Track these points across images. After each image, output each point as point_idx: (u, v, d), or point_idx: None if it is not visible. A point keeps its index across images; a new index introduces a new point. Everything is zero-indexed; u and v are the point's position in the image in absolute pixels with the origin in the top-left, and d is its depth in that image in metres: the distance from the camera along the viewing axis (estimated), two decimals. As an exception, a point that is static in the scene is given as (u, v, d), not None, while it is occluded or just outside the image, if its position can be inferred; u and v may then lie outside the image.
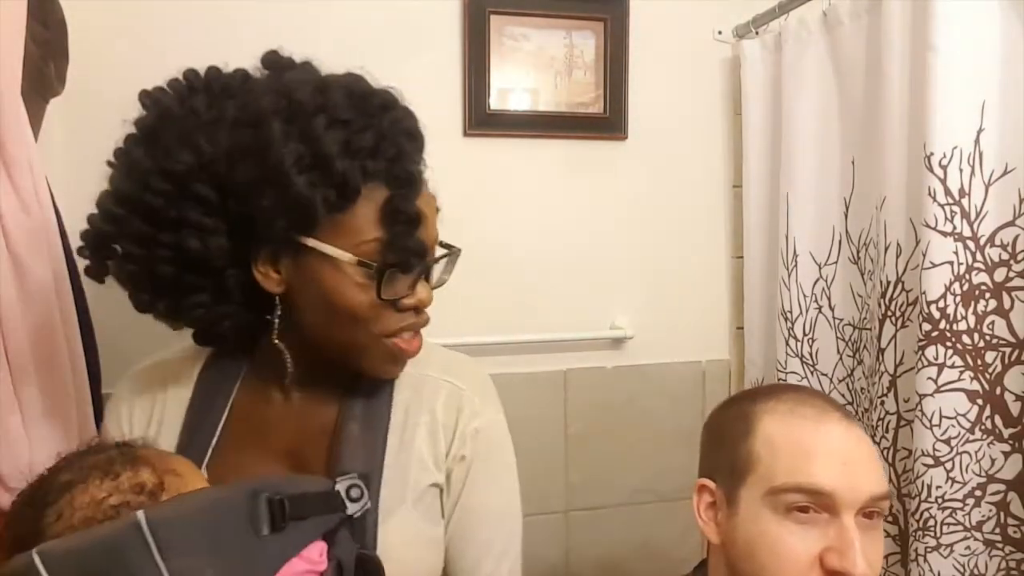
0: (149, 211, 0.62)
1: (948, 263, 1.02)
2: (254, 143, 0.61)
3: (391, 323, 0.67)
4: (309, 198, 0.60)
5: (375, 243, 0.63)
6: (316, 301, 0.65)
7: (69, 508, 0.56)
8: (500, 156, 1.44)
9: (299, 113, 0.61)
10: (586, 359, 1.50)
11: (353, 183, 0.61)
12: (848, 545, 0.64)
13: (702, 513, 0.74)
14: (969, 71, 1.00)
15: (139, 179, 0.63)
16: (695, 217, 1.55)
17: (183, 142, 0.62)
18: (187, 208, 0.62)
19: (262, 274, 0.65)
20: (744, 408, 0.76)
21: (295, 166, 0.60)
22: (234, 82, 0.67)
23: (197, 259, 0.63)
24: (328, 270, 0.64)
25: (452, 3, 1.39)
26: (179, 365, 0.77)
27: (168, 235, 0.62)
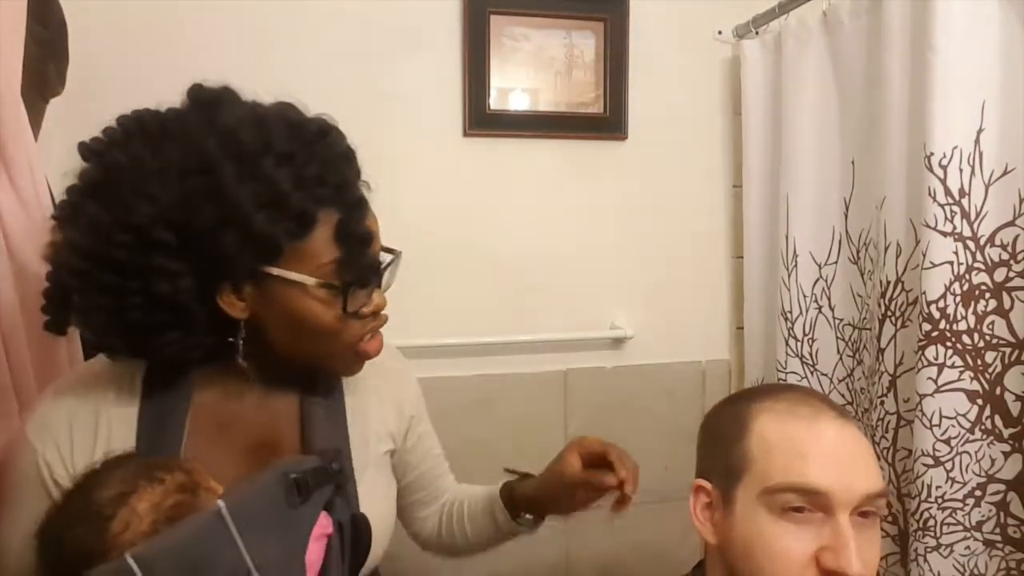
0: (114, 263, 0.64)
1: (948, 263, 1.02)
2: (209, 188, 0.63)
3: (355, 331, 0.73)
4: (271, 233, 0.64)
5: (332, 264, 0.68)
6: (282, 322, 0.70)
7: (135, 517, 0.60)
8: (500, 156, 1.44)
9: (246, 154, 0.64)
10: (586, 359, 1.51)
11: (309, 213, 0.66)
12: (843, 545, 0.64)
13: (699, 514, 0.74)
14: (969, 71, 1.00)
15: (100, 233, 0.64)
16: (695, 217, 1.55)
17: (137, 193, 0.64)
18: (151, 255, 0.64)
19: (227, 304, 0.68)
20: (739, 408, 0.76)
21: (253, 205, 0.63)
22: (169, 123, 0.68)
23: (166, 301, 0.65)
24: (293, 294, 0.68)
25: (452, 3, 1.39)
26: (113, 376, 0.74)
27: (135, 282, 0.64)
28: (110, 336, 0.68)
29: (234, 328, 0.70)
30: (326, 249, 0.68)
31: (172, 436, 0.71)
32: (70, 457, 0.70)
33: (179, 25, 1.26)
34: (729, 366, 1.60)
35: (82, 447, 0.71)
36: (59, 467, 0.70)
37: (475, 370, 1.43)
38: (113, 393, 0.73)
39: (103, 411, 0.72)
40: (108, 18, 1.22)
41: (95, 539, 0.59)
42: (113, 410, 0.72)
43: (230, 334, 0.70)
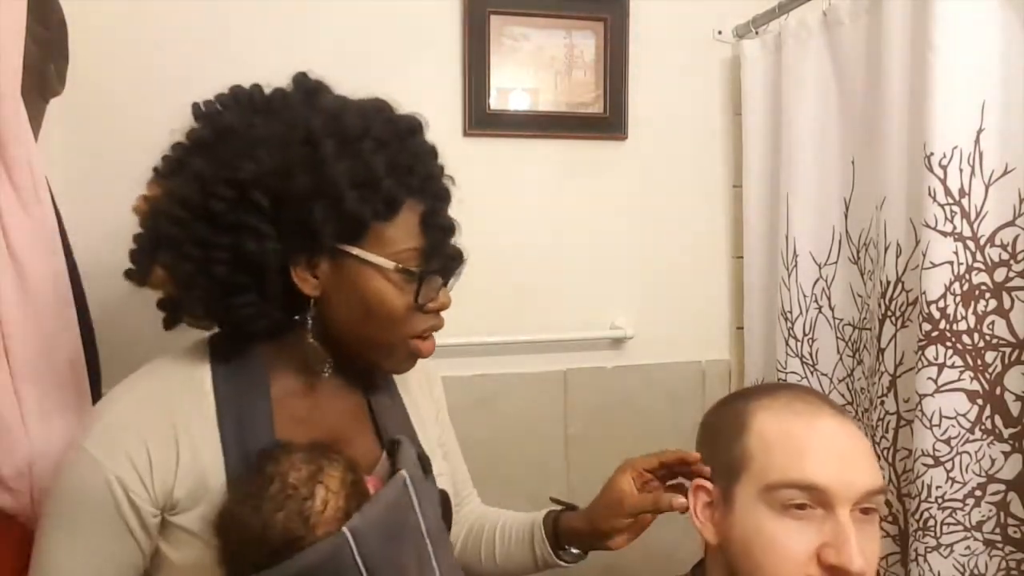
0: (211, 215, 0.67)
1: (948, 263, 1.02)
2: (309, 160, 0.67)
3: (418, 325, 0.75)
4: (359, 211, 0.68)
5: (413, 252, 0.71)
6: (352, 304, 0.72)
7: (330, 495, 0.64)
8: (500, 156, 1.44)
9: (348, 135, 0.69)
10: (586, 359, 1.50)
11: (398, 198, 0.70)
12: (844, 540, 0.64)
13: (699, 513, 0.74)
14: (969, 71, 1.00)
15: (203, 186, 0.68)
16: (695, 217, 1.55)
17: (244, 154, 0.68)
18: (246, 214, 0.67)
19: (301, 278, 0.70)
20: (737, 407, 0.76)
21: (347, 182, 0.67)
22: (275, 100, 0.74)
23: (251, 261, 0.68)
24: (369, 275, 0.71)
25: (452, 3, 1.39)
26: (178, 383, 0.73)
27: (226, 238, 0.67)
28: (195, 288, 0.69)
29: (301, 306, 0.73)
30: (407, 236, 0.71)
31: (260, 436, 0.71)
32: (149, 476, 0.67)
33: (179, 25, 1.26)
34: (729, 366, 1.60)
35: (163, 465, 0.68)
36: (138, 488, 0.67)
37: (475, 370, 1.43)
38: (186, 401, 0.71)
39: (180, 423, 0.69)
40: (108, 18, 1.22)
41: (299, 520, 0.62)
42: (192, 421, 0.70)
43: (296, 311, 0.73)
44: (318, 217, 0.67)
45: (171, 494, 0.68)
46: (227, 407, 0.71)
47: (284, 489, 0.63)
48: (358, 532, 0.62)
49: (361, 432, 0.80)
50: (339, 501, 0.64)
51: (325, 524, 0.63)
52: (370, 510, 0.65)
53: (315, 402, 0.77)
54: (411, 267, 0.71)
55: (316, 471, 0.65)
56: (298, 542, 0.62)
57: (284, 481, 0.64)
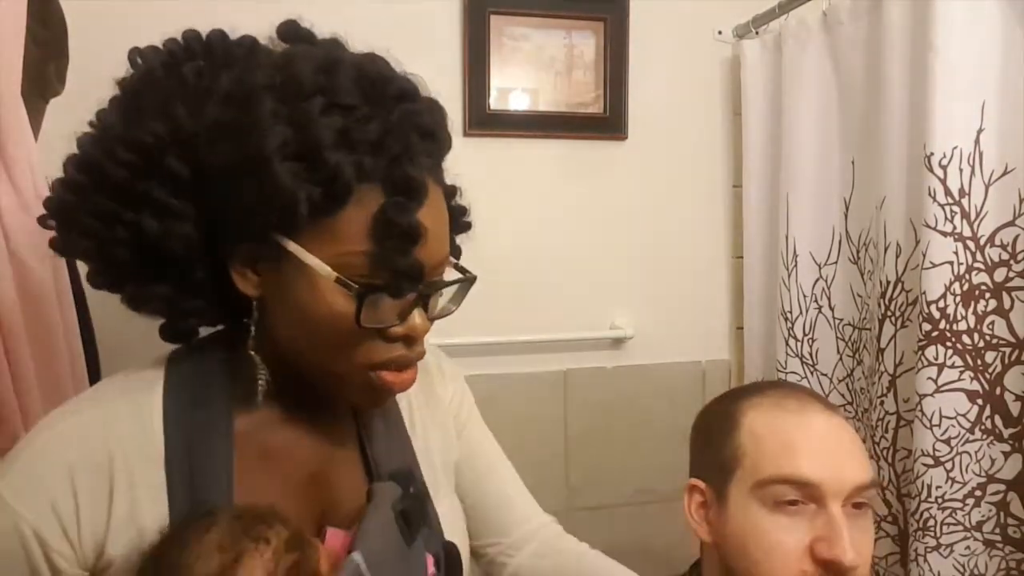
0: (111, 184, 0.55)
1: (948, 263, 1.02)
2: (238, 121, 0.52)
3: (375, 354, 0.57)
4: (291, 192, 0.50)
5: (361, 256, 0.52)
6: (291, 314, 0.56)
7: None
8: (500, 156, 1.44)
9: (293, 91, 0.52)
10: (586, 359, 1.51)
11: (344, 181, 0.51)
12: (837, 535, 0.65)
13: (693, 513, 0.75)
14: (969, 71, 1.00)
15: (106, 146, 0.56)
16: (695, 217, 1.55)
17: (159, 111, 0.55)
18: (153, 186, 0.54)
19: (239, 274, 0.56)
20: (728, 406, 0.76)
21: (278, 152, 0.50)
22: (238, 51, 0.61)
23: (156, 245, 0.55)
24: (303, 281, 0.54)
25: (452, 3, 1.39)
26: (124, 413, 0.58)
27: (128, 213, 0.55)
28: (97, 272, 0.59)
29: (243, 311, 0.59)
30: (357, 237, 0.52)
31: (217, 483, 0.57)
32: (75, 528, 0.54)
33: (179, 25, 1.25)
34: (729, 366, 1.60)
35: (94, 515, 0.54)
36: (59, 543, 0.53)
37: (475, 370, 1.43)
38: (129, 437, 0.57)
39: (119, 463, 0.56)
40: (108, 18, 1.22)
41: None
42: (134, 462, 0.56)
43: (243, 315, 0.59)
44: (243, 196, 0.52)
45: (102, 552, 0.54)
46: (178, 446, 0.57)
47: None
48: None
49: (347, 466, 0.64)
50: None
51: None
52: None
53: (291, 432, 0.62)
54: (353, 277, 0.53)
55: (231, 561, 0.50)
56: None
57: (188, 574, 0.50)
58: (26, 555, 0.53)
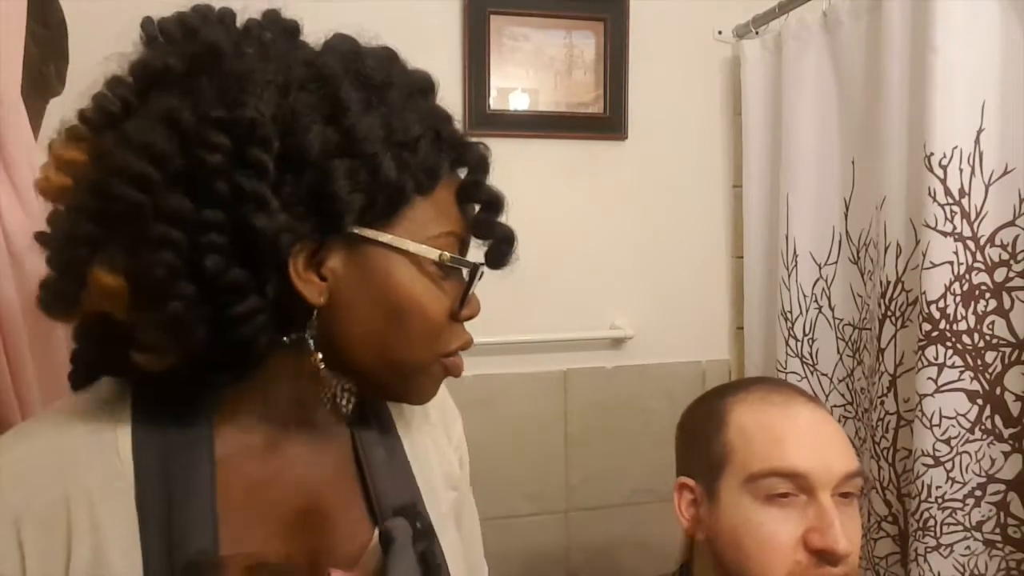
0: (196, 177, 0.45)
1: (948, 263, 1.02)
2: (327, 105, 0.48)
3: (455, 338, 0.56)
4: (399, 181, 0.49)
5: (451, 237, 0.53)
6: (373, 312, 0.51)
7: None
8: (500, 156, 1.42)
9: (372, 80, 0.50)
10: (586, 359, 1.51)
11: (439, 165, 0.52)
12: (828, 524, 0.66)
13: (684, 511, 0.76)
14: (969, 71, 1.00)
15: (182, 131, 0.45)
16: (695, 217, 1.55)
17: (242, 88, 0.46)
18: (244, 176, 0.45)
19: (304, 280, 0.49)
20: (713, 404, 0.78)
21: (385, 140, 0.49)
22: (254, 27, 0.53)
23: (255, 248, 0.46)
24: (403, 270, 0.51)
25: (452, 3, 1.39)
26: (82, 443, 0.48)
27: (215, 213, 0.45)
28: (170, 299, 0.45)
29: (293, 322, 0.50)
30: (445, 216, 0.53)
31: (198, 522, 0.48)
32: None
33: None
34: (729, 366, 1.60)
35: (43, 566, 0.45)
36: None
37: (475, 370, 1.43)
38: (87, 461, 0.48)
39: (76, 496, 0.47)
40: (108, 18, 1.22)
41: None
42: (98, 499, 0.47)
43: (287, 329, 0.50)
44: (342, 187, 0.47)
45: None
46: (153, 476, 0.48)
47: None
48: None
49: (346, 501, 0.57)
50: None
51: None
52: None
53: (280, 461, 0.54)
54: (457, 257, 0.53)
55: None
56: None
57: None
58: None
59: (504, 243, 0.58)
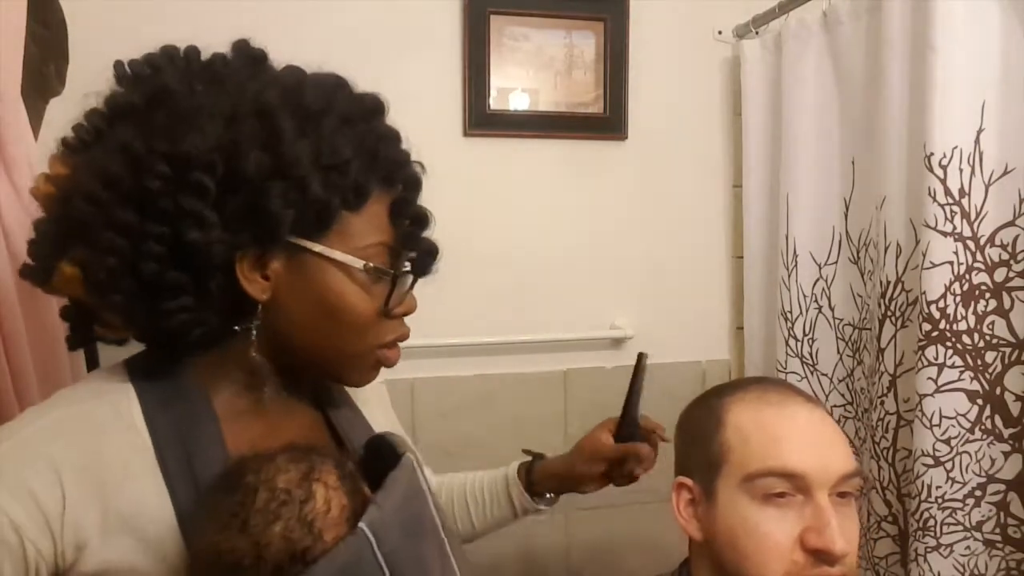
0: (143, 197, 0.55)
1: (948, 263, 1.02)
2: (264, 135, 0.57)
3: (386, 333, 0.65)
4: (326, 199, 0.58)
5: (380, 247, 0.63)
6: (310, 310, 0.61)
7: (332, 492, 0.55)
8: (500, 156, 1.44)
9: (308, 110, 0.59)
10: (586, 359, 1.50)
11: (368, 185, 0.61)
12: (826, 524, 0.66)
13: (682, 511, 0.76)
14: (969, 71, 1.00)
15: (132, 159, 0.56)
16: (695, 217, 1.55)
17: (187, 122, 0.56)
18: (186, 197, 0.55)
19: (248, 280, 0.59)
20: (711, 404, 0.78)
21: (311, 164, 0.57)
22: (216, 65, 0.63)
23: (190, 255, 0.56)
24: (334, 276, 0.61)
25: (452, 3, 1.39)
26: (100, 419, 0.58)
27: (159, 226, 0.56)
28: (112, 291, 0.57)
29: (243, 313, 0.60)
30: (375, 230, 0.62)
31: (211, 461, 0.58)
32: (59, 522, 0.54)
33: (178, 25, 1.25)
34: (729, 366, 1.60)
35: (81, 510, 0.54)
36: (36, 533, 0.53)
37: (475, 370, 1.43)
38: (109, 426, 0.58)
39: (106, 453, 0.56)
40: (108, 18, 1.22)
41: (301, 527, 0.52)
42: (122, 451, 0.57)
43: (237, 320, 0.61)
44: (276, 204, 0.56)
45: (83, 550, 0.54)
46: (167, 439, 0.58)
47: (275, 496, 0.53)
48: (378, 527, 0.53)
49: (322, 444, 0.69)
50: (342, 498, 0.55)
51: (333, 526, 0.53)
52: (387, 500, 0.56)
53: (267, 422, 0.65)
54: (382, 265, 0.62)
55: (308, 470, 0.55)
56: (306, 553, 0.52)
57: (272, 488, 0.53)
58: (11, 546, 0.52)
59: (428, 255, 0.67)
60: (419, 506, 0.61)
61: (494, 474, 0.97)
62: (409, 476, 0.61)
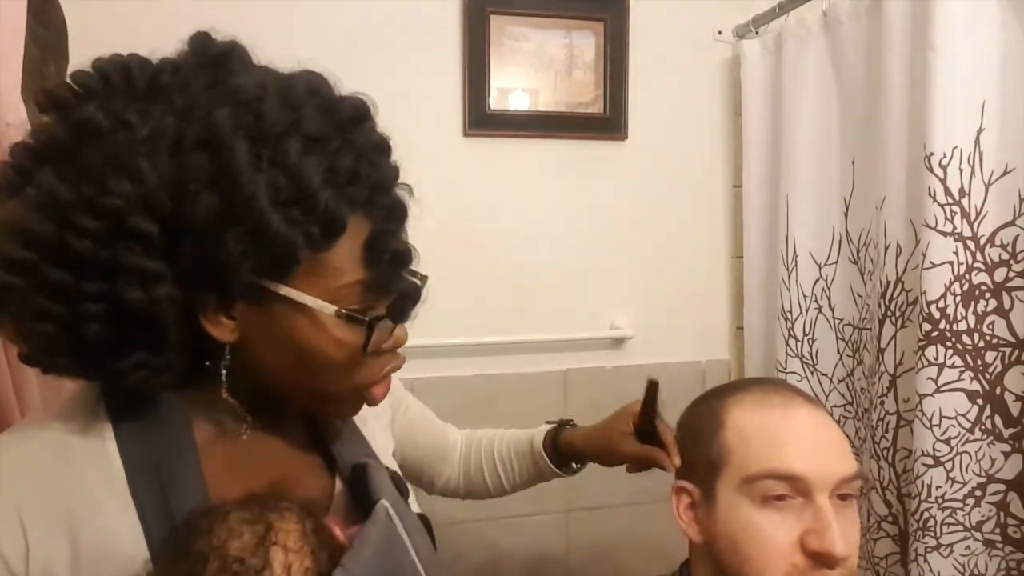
0: (71, 256, 0.48)
1: (948, 263, 1.02)
2: (214, 169, 0.48)
3: (371, 372, 0.58)
4: (289, 239, 0.49)
5: (356, 286, 0.54)
6: (280, 351, 0.55)
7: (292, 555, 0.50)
8: (500, 156, 1.44)
9: (267, 132, 0.49)
10: (586, 359, 1.51)
11: (340, 217, 0.51)
12: (825, 526, 0.65)
13: (682, 514, 0.75)
14: (969, 71, 1.00)
15: (55, 213, 0.47)
16: (695, 217, 1.55)
17: (117, 166, 0.48)
18: (123, 251, 0.48)
19: (212, 323, 0.52)
20: (711, 405, 0.77)
21: (270, 200, 0.48)
22: (163, 78, 0.52)
23: (135, 312, 0.49)
24: (301, 322, 0.53)
25: (452, 3, 1.39)
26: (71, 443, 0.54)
27: (95, 284, 0.48)
28: (57, 355, 0.51)
29: (212, 351, 0.55)
30: (349, 267, 0.53)
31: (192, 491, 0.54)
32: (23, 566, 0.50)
33: (178, 25, 1.25)
34: (729, 366, 1.60)
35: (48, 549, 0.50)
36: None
37: (475, 370, 1.43)
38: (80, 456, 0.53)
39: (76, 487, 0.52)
40: (108, 18, 1.22)
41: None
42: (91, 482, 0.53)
43: (207, 357, 0.55)
44: (230, 248, 0.48)
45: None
46: (141, 470, 0.54)
47: (226, 567, 0.48)
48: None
49: (309, 465, 0.65)
50: (304, 560, 0.50)
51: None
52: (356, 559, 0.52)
53: (250, 448, 0.61)
54: (356, 309, 0.53)
55: (265, 532, 0.50)
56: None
57: (223, 556, 0.48)
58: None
59: (406, 299, 0.58)
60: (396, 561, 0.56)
61: (520, 438, 0.96)
62: (384, 527, 0.56)
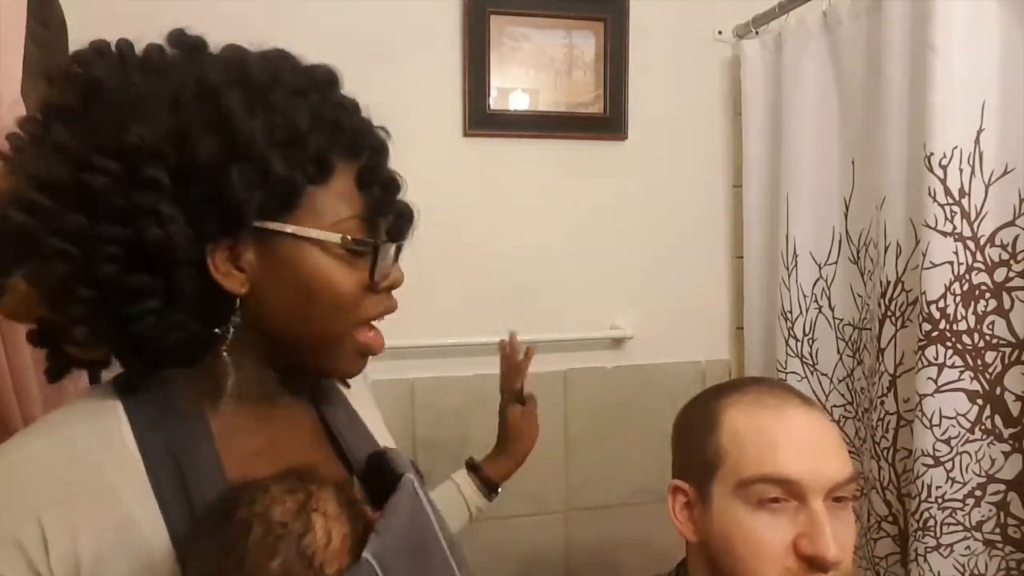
0: (89, 197, 0.51)
1: (948, 263, 1.02)
2: (213, 117, 0.53)
3: (371, 308, 0.62)
4: (288, 176, 0.54)
5: (354, 220, 0.59)
6: (291, 295, 0.58)
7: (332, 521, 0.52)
8: (500, 156, 1.44)
9: (255, 84, 0.55)
10: (586, 359, 1.51)
11: (330, 156, 0.57)
12: (819, 531, 0.66)
13: (678, 514, 0.76)
14: (969, 71, 1.00)
15: (72, 159, 0.51)
16: (695, 217, 1.55)
17: (130, 114, 0.52)
18: (138, 193, 0.51)
19: (223, 274, 0.55)
20: (708, 405, 0.77)
21: (267, 141, 0.53)
22: (152, 54, 0.59)
23: (153, 254, 0.52)
24: (311, 255, 0.57)
25: (452, 3, 1.39)
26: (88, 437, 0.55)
27: (110, 227, 0.51)
28: (68, 302, 0.53)
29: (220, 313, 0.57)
30: (345, 203, 0.58)
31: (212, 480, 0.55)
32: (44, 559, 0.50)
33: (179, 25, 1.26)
34: (729, 366, 1.60)
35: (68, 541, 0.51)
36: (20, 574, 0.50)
37: (475, 370, 1.43)
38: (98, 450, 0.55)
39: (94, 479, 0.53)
40: (108, 18, 1.22)
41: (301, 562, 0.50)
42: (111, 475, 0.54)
43: (215, 321, 0.57)
44: (237, 188, 0.52)
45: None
46: (159, 459, 0.55)
47: (271, 530, 0.50)
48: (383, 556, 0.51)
49: (323, 458, 0.67)
50: (343, 527, 0.52)
51: (334, 558, 0.51)
52: (389, 528, 0.54)
53: (265, 437, 0.62)
54: (360, 238, 0.59)
55: (305, 499, 0.52)
56: None
57: (267, 521, 0.50)
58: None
59: (402, 218, 0.64)
60: (422, 528, 0.59)
61: (446, 489, 1.04)
62: (411, 498, 0.59)
